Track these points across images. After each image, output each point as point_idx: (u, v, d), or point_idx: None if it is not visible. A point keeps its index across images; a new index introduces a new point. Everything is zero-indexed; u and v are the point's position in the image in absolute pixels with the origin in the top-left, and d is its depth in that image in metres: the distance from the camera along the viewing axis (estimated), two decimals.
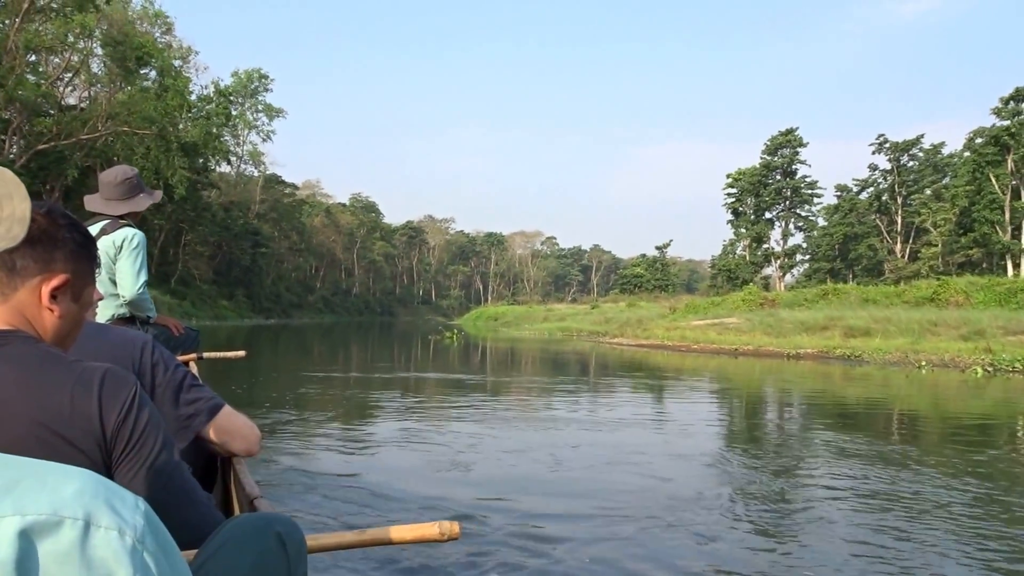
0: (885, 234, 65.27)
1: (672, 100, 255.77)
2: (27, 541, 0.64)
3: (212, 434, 1.82)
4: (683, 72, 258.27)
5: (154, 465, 1.22)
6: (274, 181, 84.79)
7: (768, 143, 67.91)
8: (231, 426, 1.86)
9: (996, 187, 48.23)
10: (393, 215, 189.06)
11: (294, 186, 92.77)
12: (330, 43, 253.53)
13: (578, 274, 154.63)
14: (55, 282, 1.24)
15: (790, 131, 66.72)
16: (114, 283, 3.65)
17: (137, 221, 3.83)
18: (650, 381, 15.44)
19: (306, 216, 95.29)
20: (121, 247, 3.63)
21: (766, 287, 70.69)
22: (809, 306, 28.09)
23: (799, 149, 66.75)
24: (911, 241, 63.29)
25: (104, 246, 3.59)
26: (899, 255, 63.49)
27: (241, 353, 4.44)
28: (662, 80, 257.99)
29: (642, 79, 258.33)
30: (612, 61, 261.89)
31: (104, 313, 3.64)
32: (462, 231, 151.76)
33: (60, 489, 0.69)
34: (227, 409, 1.86)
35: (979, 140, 53.79)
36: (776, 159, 67.59)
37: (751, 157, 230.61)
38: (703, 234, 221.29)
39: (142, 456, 1.21)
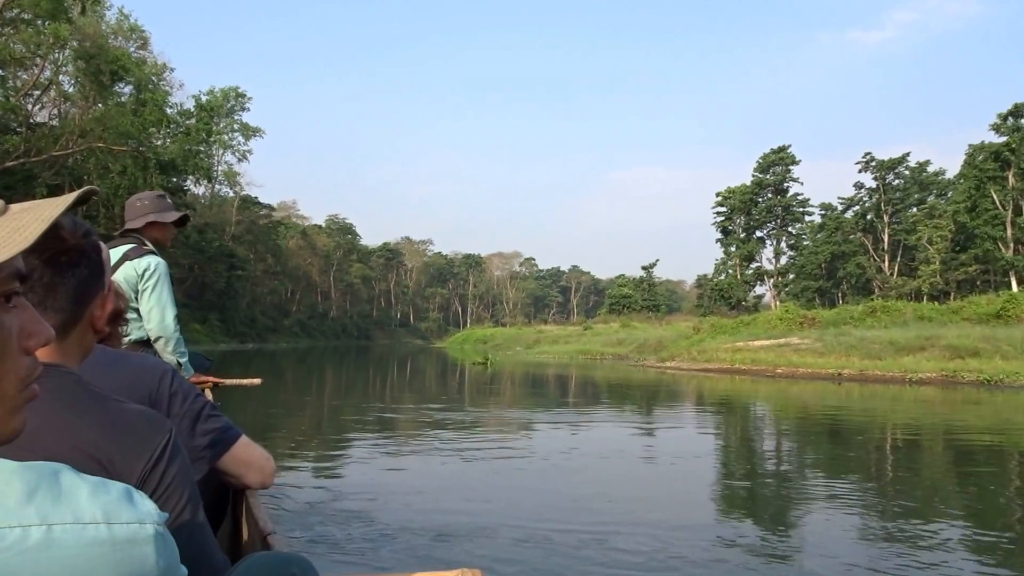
0: (872, 252, 64.64)
1: (642, 127, 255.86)
2: (56, 549, 0.67)
3: (228, 465, 1.77)
4: (650, 101, 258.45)
5: (176, 520, 1.14)
6: (250, 202, 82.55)
7: (760, 161, 67.19)
8: (248, 457, 1.81)
9: (997, 202, 47.59)
10: (370, 237, 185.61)
11: (270, 207, 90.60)
12: (304, 63, 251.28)
13: (557, 295, 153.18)
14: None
15: (782, 148, 66.01)
16: (135, 311, 3.50)
17: (164, 244, 3.69)
18: (795, 421, 12.77)
19: (282, 238, 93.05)
20: (143, 275, 3.48)
21: (756, 307, 69.81)
22: (856, 324, 26.48)
23: (791, 167, 65.98)
24: (899, 259, 62.79)
25: (125, 273, 3.45)
26: (888, 273, 62.92)
27: (257, 380, 4.40)
28: (631, 107, 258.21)
29: (612, 106, 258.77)
30: (581, 89, 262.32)
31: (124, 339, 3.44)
32: (440, 253, 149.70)
33: (75, 495, 0.72)
34: (244, 439, 1.80)
35: (968, 155, 53.38)
36: (768, 177, 66.77)
37: (722, 180, 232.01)
38: (680, 255, 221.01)
39: (167, 506, 1.13)
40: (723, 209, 69.59)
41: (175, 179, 51.57)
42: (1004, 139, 47.96)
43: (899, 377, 19.86)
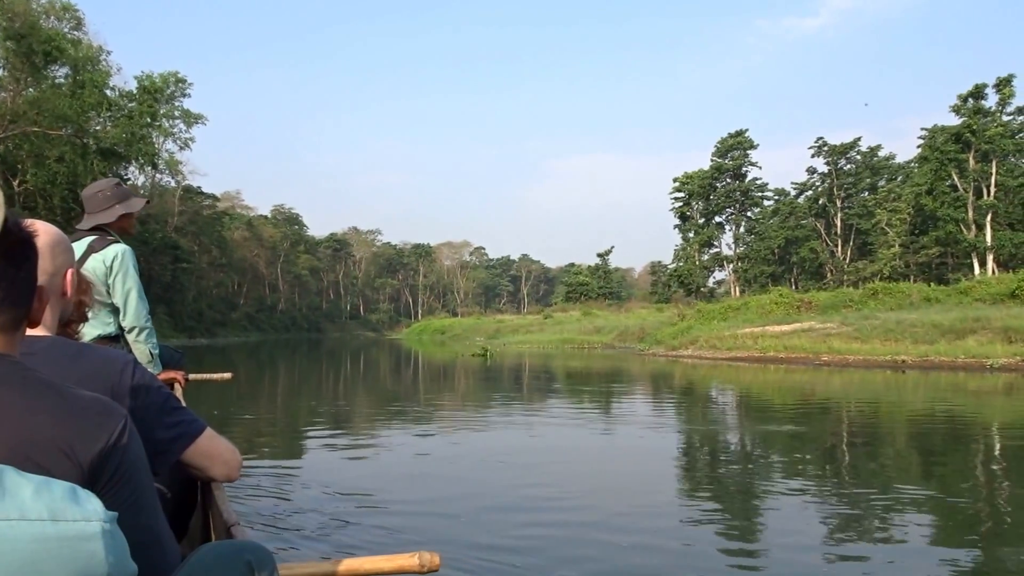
0: (825, 237, 65.09)
1: (580, 116, 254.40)
2: (2, 544, 0.69)
3: (193, 458, 1.76)
4: (589, 90, 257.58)
5: (131, 504, 1.16)
6: (192, 192, 79.51)
7: (718, 145, 66.91)
8: (213, 450, 1.79)
9: (959, 184, 47.95)
10: (317, 227, 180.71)
11: (214, 197, 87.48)
12: (241, 49, 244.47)
13: (508, 284, 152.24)
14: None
15: (740, 133, 65.81)
16: (103, 304, 3.42)
17: (129, 232, 3.61)
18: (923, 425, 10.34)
19: (226, 229, 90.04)
20: (111, 266, 3.42)
21: (712, 293, 69.83)
22: (858, 307, 25.59)
23: (749, 151, 65.86)
24: (851, 243, 63.35)
25: (93, 265, 3.39)
26: (840, 257, 63.45)
27: (227, 375, 4.47)
28: (570, 97, 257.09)
29: (552, 94, 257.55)
30: (517, 79, 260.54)
31: (90, 333, 3.32)
32: (388, 243, 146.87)
33: (19, 493, 0.73)
34: (209, 432, 1.79)
35: (928, 137, 53.79)
36: (727, 161, 66.56)
37: (666, 168, 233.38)
38: (627, 242, 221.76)
39: (121, 494, 1.14)
40: (681, 194, 69.21)
41: (116, 167, 48.94)
42: (961, 121, 48.31)
43: (972, 363, 18.25)
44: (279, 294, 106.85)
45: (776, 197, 70.03)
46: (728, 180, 67.17)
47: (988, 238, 47.19)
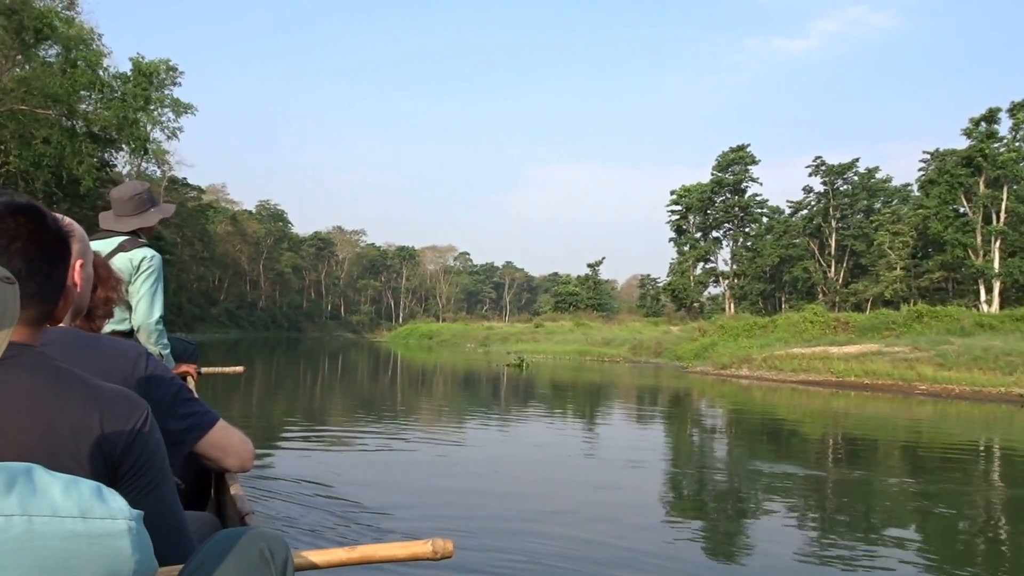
0: (819, 257, 64.58)
1: (560, 125, 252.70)
2: (38, 540, 0.71)
3: (206, 449, 1.77)
4: (571, 101, 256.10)
5: (152, 493, 1.21)
6: (178, 183, 77.63)
7: (719, 160, 66.25)
8: (225, 441, 1.80)
9: (968, 209, 47.43)
10: (301, 225, 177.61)
11: (199, 189, 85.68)
12: (230, 40, 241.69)
13: (491, 291, 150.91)
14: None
15: (741, 147, 65.17)
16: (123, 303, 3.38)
17: (150, 237, 3.71)
18: None
19: (210, 223, 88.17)
20: (139, 267, 3.46)
21: (702, 309, 69.11)
22: (902, 331, 24.53)
23: (750, 167, 65.22)
24: (844, 264, 62.93)
25: (120, 263, 3.40)
26: (833, 278, 62.96)
27: (239, 368, 4.53)
28: (551, 106, 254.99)
29: (533, 104, 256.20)
30: (501, 84, 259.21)
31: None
32: (373, 244, 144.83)
33: (49, 491, 0.76)
34: (221, 423, 1.80)
35: (938, 160, 53.35)
36: (727, 176, 65.87)
37: (652, 182, 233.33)
38: (611, 255, 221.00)
39: (143, 482, 1.20)
40: (678, 208, 68.42)
41: (104, 152, 47.09)
42: (970, 144, 47.89)
43: None
44: (260, 291, 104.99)
45: (771, 215, 69.59)
46: (728, 195, 66.47)
47: (996, 264, 46.69)
